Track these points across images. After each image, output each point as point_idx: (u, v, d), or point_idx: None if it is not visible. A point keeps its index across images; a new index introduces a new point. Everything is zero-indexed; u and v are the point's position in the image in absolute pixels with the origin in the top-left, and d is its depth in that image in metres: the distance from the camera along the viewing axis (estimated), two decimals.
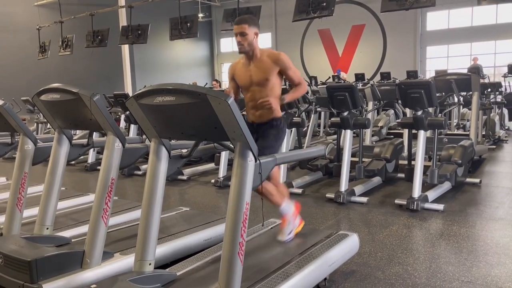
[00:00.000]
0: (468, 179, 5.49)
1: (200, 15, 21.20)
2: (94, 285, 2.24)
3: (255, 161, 2.19)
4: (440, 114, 5.49)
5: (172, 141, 2.57)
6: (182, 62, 23.48)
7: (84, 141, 3.26)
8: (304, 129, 8.22)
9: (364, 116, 5.63)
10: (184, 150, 2.71)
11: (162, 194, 2.50)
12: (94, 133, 3.40)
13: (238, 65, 3.18)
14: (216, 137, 2.29)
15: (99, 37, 12.45)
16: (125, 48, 16.58)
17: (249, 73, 3.05)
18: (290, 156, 2.69)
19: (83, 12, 13.43)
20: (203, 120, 2.17)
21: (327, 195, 5.01)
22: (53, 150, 3.10)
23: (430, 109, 5.50)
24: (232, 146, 2.22)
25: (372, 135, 8.62)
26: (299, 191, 5.30)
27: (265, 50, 3.04)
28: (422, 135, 4.64)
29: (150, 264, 2.45)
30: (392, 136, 8.17)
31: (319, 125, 10.19)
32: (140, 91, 2.27)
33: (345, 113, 4.98)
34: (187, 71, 23.26)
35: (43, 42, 14.41)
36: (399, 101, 4.98)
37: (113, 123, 2.75)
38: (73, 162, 8.14)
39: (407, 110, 8.40)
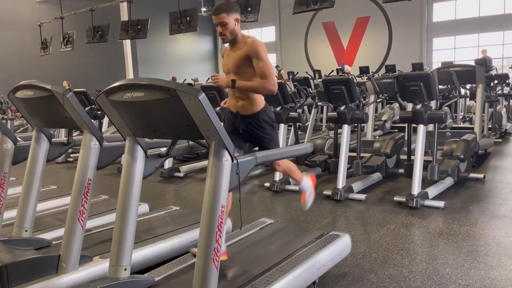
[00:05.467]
0: (471, 175, 5.30)
1: (203, 9, 21.00)
2: None
3: (232, 161, 2.05)
4: (441, 108, 5.31)
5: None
6: (185, 56, 23.31)
7: (64, 139, 3.13)
8: (306, 124, 8.07)
9: (364, 110, 5.46)
10: (164, 149, 2.58)
11: (138, 196, 2.37)
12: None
13: (227, 49, 3.00)
14: (190, 135, 2.14)
15: (99, 33, 12.35)
16: (127, 43, 16.47)
17: (228, 60, 2.88)
18: (273, 154, 2.53)
19: (84, 7, 13.34)
20: (175, 117, 2.02)
21: (324, 192, 4.85)
22: (31, 149, 2.99)
23: (433, 103, 5.33)
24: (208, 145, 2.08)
25: (376, 129, 8.43)
26: (296, 188, 5.14)
27: (246, 37, 2.83)
28: (421, 129, 4.46)
29: (125, 269, 2.32)
30: (396, 130, 7.98)
31: (321, 120, 10.04)
32: (109, 87, 2.13)
33: (342, 107, 4.82)
34: (191, 65, 23.08)
35: (45, 39, 14.36)
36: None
37: (89, 121, 2.62)
38: (71, 159, 8.09)
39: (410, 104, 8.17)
